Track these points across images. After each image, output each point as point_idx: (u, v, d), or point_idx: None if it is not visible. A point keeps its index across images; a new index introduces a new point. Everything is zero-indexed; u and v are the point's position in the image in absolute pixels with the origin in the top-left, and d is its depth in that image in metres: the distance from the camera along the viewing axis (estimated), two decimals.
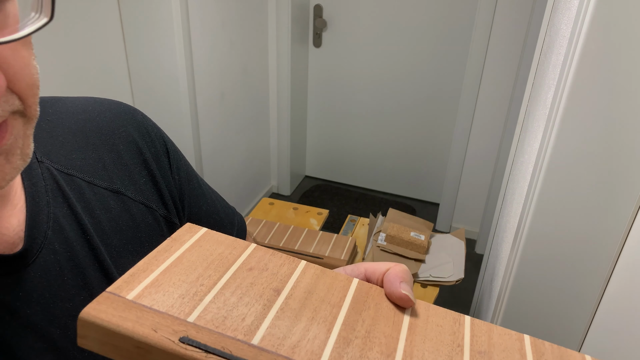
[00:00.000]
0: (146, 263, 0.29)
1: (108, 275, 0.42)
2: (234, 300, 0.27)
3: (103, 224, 0.43)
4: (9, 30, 0.28)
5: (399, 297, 0.30)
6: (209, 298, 0.27)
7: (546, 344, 0.28)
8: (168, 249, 0.30)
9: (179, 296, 0.27)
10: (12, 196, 0.37)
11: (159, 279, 0.28)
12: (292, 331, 0.26)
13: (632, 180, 0.69)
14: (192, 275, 0.28)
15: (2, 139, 0.29)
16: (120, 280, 0.27)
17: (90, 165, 0.45)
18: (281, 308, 0.27)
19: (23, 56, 0.30)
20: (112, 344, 0.25)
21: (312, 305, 0.28)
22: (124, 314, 0.25)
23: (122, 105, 0.51)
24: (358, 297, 0.30)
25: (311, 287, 0.30)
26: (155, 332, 0.24)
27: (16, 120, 0.30)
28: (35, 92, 0.31)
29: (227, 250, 0.31)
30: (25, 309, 0.35)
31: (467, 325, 0.29)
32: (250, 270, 0.30)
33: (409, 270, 0.32)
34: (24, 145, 0.31)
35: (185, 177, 0.54)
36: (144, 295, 0.26)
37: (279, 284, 0.29)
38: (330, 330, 0.27)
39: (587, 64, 0.65)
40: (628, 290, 0.68)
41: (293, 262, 0.31)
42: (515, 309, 0.89)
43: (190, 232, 0.32)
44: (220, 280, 0.28)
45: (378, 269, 0.32)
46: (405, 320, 0.29)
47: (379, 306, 0.30)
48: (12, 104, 0.29)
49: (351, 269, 0.34)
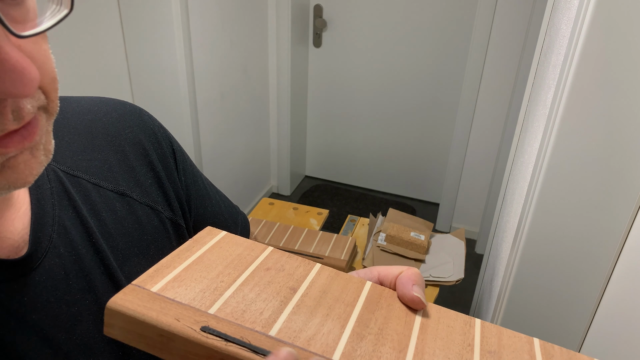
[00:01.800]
0: (169, 260, 0.30)
1: (113, 278, 0.41)
2: (253, 296, 0.29)
3: (109, 227, 0.43)
4: (30, 25, 0.27)
5: (411, 299, 0.30)
6: (228, 293, 0.28)
7: (555, 347, 0.29)
8: (190, 248, 0.32)
9: (200, 290, 0.28)
10: (16, 199, 0.37)
11: (181, 275, 0.29)
12: (307, 325, 0.27)
13: (632, 180, 0.69)
14: (212, 273, 0.30)
15: (34, 134, 0.29)
16: (145, 274, 0.29)
17: (96, 166, 0.44)
18: (297, 304, 0.29)
19: (45, 49, 0.30)
20: (137, 332, 0.26)
21: (327, 304, 0.29)
22: (149, 304, 0.26)
23: (129, 105, 0.50)
24: (371, 298, 0.31)
25: (326, 287, 0.31)
26: (178, 322, 0.25)
27: (41, 116, 0.30)
28: (56, 86, 0.31)
29: (245, 252, 0.32)
30: (31, 314, 0.35)
31: (477, 326, 0.30)
32: (268, 270, 0.31)
33: (420, 274, 0.32)
34: (46, 142, 0.31)
35: (192, 178, 0.53)
36: (167, 289, 0.28)
37: (295, 283, 0.30)
38: (345, 326, 0.28)
39: (587, 64, 0.65)
40: (628, 290, 0.68)
41: (309, 265, 0.33)
42: (515, 309, 0.89)
43: (210, 234, 0.34)
44: (239, 278, 0.30)
45: (391, 272, 0.33)
46: (417, 320, 0.30)
47: (391, 307, 0.31)
48: (39, 98, 0.29)
49: (364, 273, 0.34)
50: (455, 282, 1.27)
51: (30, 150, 0.30)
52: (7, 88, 0.25)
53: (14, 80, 0.25)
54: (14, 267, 0.34)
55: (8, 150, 0.27)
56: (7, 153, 0.27)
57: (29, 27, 0.27)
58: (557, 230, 0.78)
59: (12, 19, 0.26)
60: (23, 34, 0.26)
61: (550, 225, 0.78)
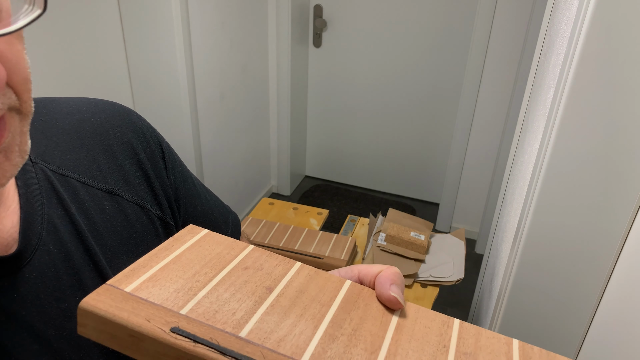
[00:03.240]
0: (146, 260, 0.30)
1: (103, 275, 0.42)
2: (227, 296, 0.28)
3: (98, 225, 0.43)
4: (2, 24, 0.27)
5: (388, 299, 0.30)
6: (202, 293, 0.28)
7: (535, 348, 0.28)
8: (169, 247, 0.31)
9: (174, 290, 0.28)
10: (5, 197, 0.37)
11: (157, 275, 0.29)
12: (279, 326, 0.27)
13: (632, 180, 0.69)
14: (189, 272, 0.29)
15: (2, 137, 0.29)
16: (121, 274, 0.28)
17: (84, 165, 0.44)
18: (272, 305, 0.28)
19: (18, 49, 0.30)
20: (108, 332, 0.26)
21: (302, 304, 0.29)
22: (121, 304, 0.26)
23: (117, 105, 0.50)
24: (349, 298, 0.30)
25: (303, 287, 0.30)
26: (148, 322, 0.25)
27: (13, 117, 0.30)
28: (29, 87, 0.31)
29: (225, 251, 0.32)
30: (21, 311, 0.35)
31: (455, 327, 0.29)
32: (246, 269, 0.31)
33: (400, 273, 0.32)
34: (21, 142, 0.31)
35: (181, 177, 0.53)
36: (141, 289, 0.27)
37: (272, 282, 0.30)
38: (318, 327, 0.27)
39: (587, 64, 0.65)
40: (628, 290, 0.68)
41: (288, 263, 0.32)
42: (515, 309, 0.89)
43: (191, 232, 0.33)
44: (216, 278, 0.29)
45: (371, 271, 0.32)
46: (393, 320, 0.29)
47: (368, 307, 0.30)
48: (10, 98, 0.29)
49: (345, 271, 0.34)
50: (455, 282, 1.27)
51: (4, 153, 0.30)
52: None
53: None
54: (3, 264, 0.35)
55: None
56: None
57: (2, 26, 0.27)
58: (556, 231, 0.78)
59: None
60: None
61: (550, 225, 0.78)
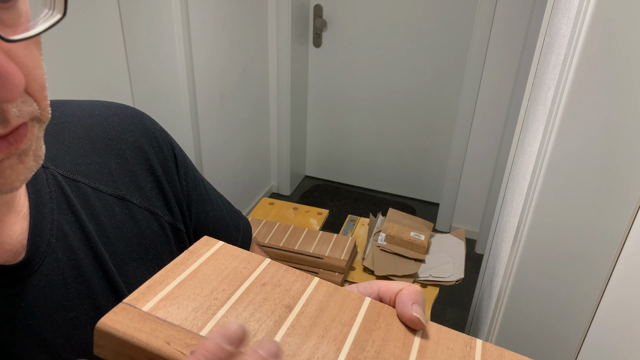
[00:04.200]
0: (162, 275, 0.29)
1: (112, 283, 0.41)
2: (246, 315, 0.28)
3: (108, 231, 0.42)
4: (22, 29, 0.27)
5: (410, 320, 0.29)
6: (221, 312, 0.27)
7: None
8: (185, 261, 0.31)
9: (192, 309, 0.27)
10: (16, 203, 0.36)
11: (174, 292, 0.28)
12: (301, 349, 0.26)
13: (632, 180, 0.69)
14: (206, 289, 0.29)
15: (21, 142, 0.29)
16: (137, 291, 0.28)
17: (95, 170, 0.44)
18: (292, 325, 0.28)
19: (35, 56, 0.29)
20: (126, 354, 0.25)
21: (323, 324, 0.28)
22: (139, 325, 0.25)
23: (129, 109, 0.50)
24: (369, 317, 0.30)
25: (323, 305, 0.30)
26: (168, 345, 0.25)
27: (33, 126, 0.30)
28: (45, 94, 0.31)
29: (241, 265, 0.31)
30: (28, 320, 0.35)
31: (477, 349, 0.29)
32: (264, 285, 0.30)
33: (421, 292, 0.32)
34: (36, 147, 0.31)
35: (193, 182, 0.53)
36: (159, 308, 0.27)
37: (291, 300, 0.29)
38: (340, 349, 0.27)
39: (587, 64, 0.65)
40: (628, 290, 0.68)
41: (306, 279, 0.31)
42: (515, 309, 0.89)
43: (207, 245, 0.33)
44: (234, 295, 0.29)
45: (391, 288, 0.32)
46: (415, 341, 0.29)
47: (389, 327, 0.30)
48: (31, 105, 0.29)
49: (364, 287, 0.34)
50: (455, 282, 1.27)
51: (18, 155, 0.29)
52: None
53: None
54: (11, 272, 0.34)
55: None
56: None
57: (20, 31, 0.27)
58: (556, 230, 0.78)
59: (3, 23, 0.26)
60: (12, 38, 0.25)
61: (550, 225, 0.78)
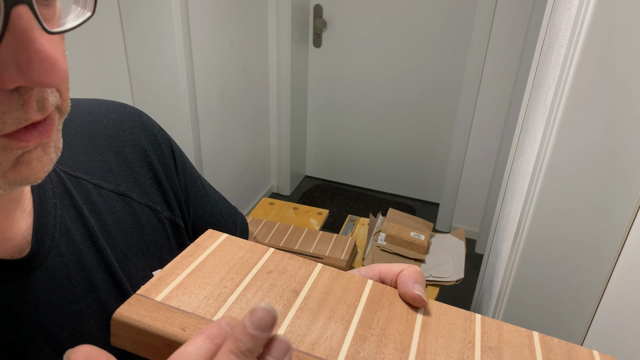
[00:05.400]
0: (172, 267, 0.30)
1: (114, 277, 0.42)
2: (256, 300, 0.29)
3: (109, 226, 0.43)
4: (55, 24, 0.29)
5: (412, 297, 0.31)
6: (232, 299, 0.28)
7: (554, 340, 0.29)
8: (192, 253, 0.32)
9: (204, 297, 0.28)
10: (23, 200, 0.37)
11: (184, 282, 0.29)
12: (311, 329, 0.27)
13: (632, 180, 0.69)
14: (215, 278, 0.30)
15: (50, 131, 0.30)
16: (149, 283, 0.29)
17: (96, 167, 0.45)
18: (300, 308, 0.29)
19: (64, 50, 0.31)
20: (143, 342, 0.26)
21: (330, 305, 0.29)
22: (154, 314, 0.26)
23: (128, 107, 0.51)
24: (373, 297, 0.31)
25: (328, 288, 0.31)
26: (183, 331, 0.26)
27: (56, 116, 0.31)
28: (68, 86, 0.32)
29: (247, 254, 0.33)
30: (34, 313, 0.35)
31: (477, 322, 0.30)
32: (270, 272, 0.31)
33: (421, 272, 0.33)
34: (56, 139, 0.32)
35: (191, 179, 0.54)
36: (172, 297, 0.28)
37: (298, 285, 0.31)
38: (347, 328, 0.28)
39: (587, 64, 0.65)
40: (628, 291, 0.68)
41: (310, 265, 0.33)
42: (515, 309, 0.89)
43: (212, 237, 0.34)
44: (242, 283, 0.30)
45: (392, 270, 0.33)
46: (418, 318, 0.30)
47: (393, 306, 0.31)
48: (56, 96, 0.30)
49: (365, 271, 0.35)
50: (455, 282, 1.27)
51: (42, 146, 0.30)
52: (40, 77, 0.26)
53: (47, 69, 0.26)
54: (17, 267, 0.35)
55: (28, 144, 0.28)
56: (27, 147, 0.29)
57: (55, 25, 0.29)
58: (557, 230, 0.78)
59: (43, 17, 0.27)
60: (53, 31, 0.27)
61: (550, 225, 0.78)
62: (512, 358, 0.28)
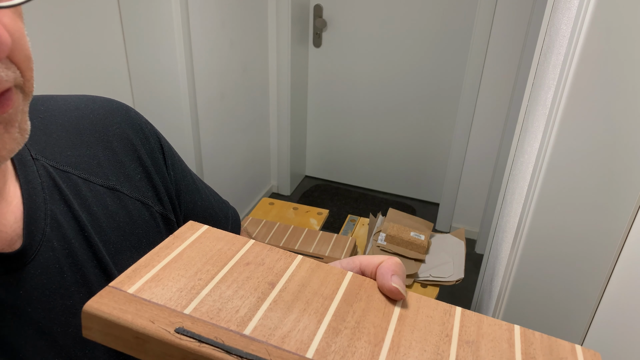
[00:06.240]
0: (148, 259, 0.30)
1: (106, 271, 0.42)
2: (230, 293, 0.28)
3: (100, 221, 0.43)
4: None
5: (390, 290, 0.30)
6: (205, 291, 0.28)
7: (536, 334, 0.28)
8: (170, 245, 0.31)
9: (177, 290, 0.28)
10: (6, 193, 0.37)
11: (159, 274, 0.29)
12: (283, 322, 0.27)
13: (632, 180, 0.69)
14: (191, 270, 0.29)
15: (7, 106, 0.29)
16: (123, 275, 0.28)
17: (85, 162, 0.45)
18: (274, 300, 0.28)
19: (20, 26, 0.30)
20: (113, 334, 0.26)
21: (305, 298, 0.29)
22: (124, 306, 0.26)
23: (115, 102, 0.51)
24: (351, 290, 0.30)
25: (305, 281, 0.30)
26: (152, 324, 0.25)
27: (17, 94, 0.31)
28: (31, 66, 0.32)
29: (226, 246, 0.32)
30: (26, 307, 0.35)
31: (457, 315, 0.29)
32: (247, 265, 0.31)
33: (401, 264, 0.32)
34: (21, 121, 0.32)
35: (181, 173, 0.54)
36: (144, 289, 0.27)
37: (274, 277, 0.30)
38: (321, 321, 0.27)
39: (587, 64, 0.65)
40: (628, 291, 0.68)
41: (289, 257, 0.32)
42: (515, 309, 0.89)
43: (192, 229, 0.33)
44: (218, 275, 0.29)
45: (372, 262, 0.33)
46: (395, 311, 0.29)
47: (370, 298, 0.30)
48: (15, 73, 0.30)
49: (347, 262, 0.34)
50: (455, 282, 1.27)
51: (4, 124, 0.30)
52: None
53: None
54: (8, 260, 0.35)
55: None
56: None
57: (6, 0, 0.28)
58: (557, 230, 0.78)
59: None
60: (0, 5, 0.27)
61: (550, 225, 0.78)
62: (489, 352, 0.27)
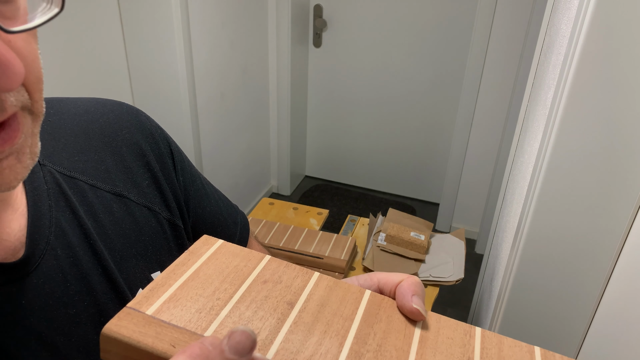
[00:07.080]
0: (164, 277, 0.29)
1: (112, 280, 0.41)
2: (249, 314, 0.28)
3: (106, 228, 0.42)
4: (20, 21, 0.28)
5: (410, 311, 0.30)
6: (224, 312, 0.28)
7: (557, 355, 0.28)
8: (185, 262, 0.31)
9: (196, 311, 0.27)
10: (13, 200, 0.36)
11: (176, 294, 0.28)
12: (305, 345, 0.27)
13: (632, 180, 0.69)
14: (208, 289, 0.29)
15: (15, 137, 0.29)
16: (140, 295, 0.28)
17: (92, 167, 0.44)
18: (294, 322, 0.28)
19: (34, 49, 0.30)
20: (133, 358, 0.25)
21: (325, 319, 0.29)
22: (144, 329, 0.26)
23: (125, 106, 0.50)
24: (370, 310, 0.30)
25: (324, 300, 0.30)
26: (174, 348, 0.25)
27: (25, 117, 0.30)
28: (41, 87, 0.31)
29: (242, 263, 0.32)
30: (29, 318, 0.35)
31: (477, 337, 0.29)
32: (265, 283, 0.30)
33: (421, 282, 0.32)
34: (32, 144, 0.31)
35: (190, 178, 0.53)
36: (163, 310, 0.27)
37: (293, 296, 0.30)
38: (343, 344, 0.27)
39: (587, 64, 0.65)
40: (628, 290, 0.68)
41: (307, 274, 0.32)
42: (515, 309, 0.89)
43: (206, 244, 0.33)
44: (236, 294, 0.29)
45: (391, 280, 0.32)
46: (416, 333, 0.29)
47: (390, 319, 0.30)
48: (23, 96, 0.29)
49: (364, 279, 0.34)
50: (455, 282, 1.27)
51: (16, 154, 0.29)
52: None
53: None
54: (11, 270, 0.34)
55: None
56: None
57: (19, 23, 0.27)
58: (557, 230, 0.78)
59: (2, 15, 0.26)
60: (12, 30, 0.26)
61: (550, 225, 0.78)
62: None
